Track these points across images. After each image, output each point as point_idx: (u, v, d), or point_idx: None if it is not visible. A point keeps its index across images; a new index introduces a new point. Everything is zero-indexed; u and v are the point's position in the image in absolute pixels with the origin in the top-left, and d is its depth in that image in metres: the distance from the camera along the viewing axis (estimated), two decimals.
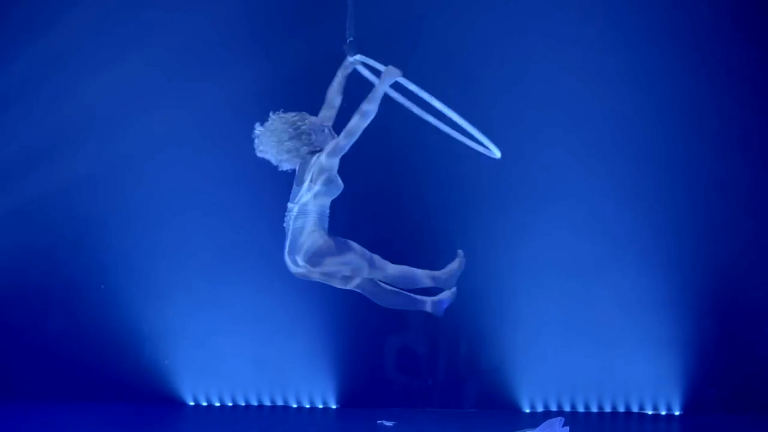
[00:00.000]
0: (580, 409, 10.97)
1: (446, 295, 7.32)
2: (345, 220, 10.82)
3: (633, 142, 11.08)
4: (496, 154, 7.61)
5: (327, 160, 6.72)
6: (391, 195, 11.39)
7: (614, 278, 11.08)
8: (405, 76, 7.21)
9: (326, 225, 6.82)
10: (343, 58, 7.25)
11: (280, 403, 11.16)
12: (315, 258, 6.70)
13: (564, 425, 8.32)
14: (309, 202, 6.77)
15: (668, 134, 11.06)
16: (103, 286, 11.21)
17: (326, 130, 6.97)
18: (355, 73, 7.31)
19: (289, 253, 6.76)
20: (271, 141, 6.87)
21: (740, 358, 10.98)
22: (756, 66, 11.10)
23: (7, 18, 11.16)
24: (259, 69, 11.12)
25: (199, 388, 11.14)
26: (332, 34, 7.49)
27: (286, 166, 6.98)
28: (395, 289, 7.10)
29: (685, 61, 11.11)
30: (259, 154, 6.99)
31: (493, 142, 11.07)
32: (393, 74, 6.92)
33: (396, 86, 7.22)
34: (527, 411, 10.99)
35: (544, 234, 11.10)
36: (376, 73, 7.16)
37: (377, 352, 11.33)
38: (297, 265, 6.76)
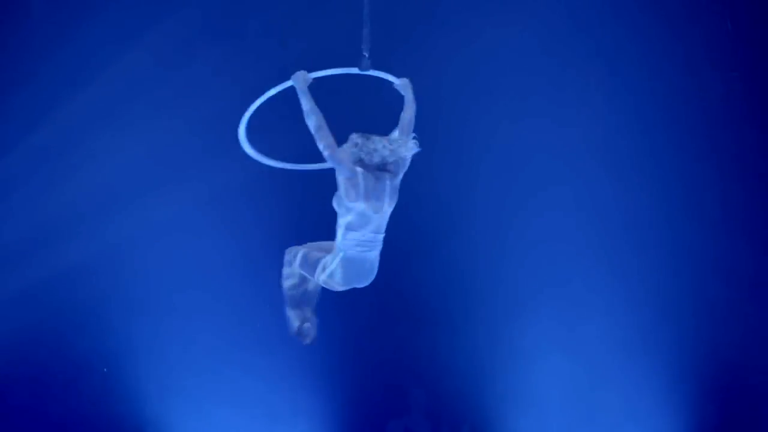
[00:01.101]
0: None
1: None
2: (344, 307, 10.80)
3: (637, 226, 11.09)
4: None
5: None
6: (390, 277, 11.13)
7: (616, 362, 11.00)
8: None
9: None
10: None
11: None
12: None
13: None
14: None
15: (673, 219, 11.07)
16: (105, 370, 11.10)
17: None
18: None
19: (361, 280, 6.94)
20: None
21: None
22: (759, 152, 11.15)
23: (8, 101, 11.13)
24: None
25: None
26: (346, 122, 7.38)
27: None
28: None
29: (692, 145, 11.12)
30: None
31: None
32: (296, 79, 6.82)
33: None
34: None
35: (546, 317, 11.06)
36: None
37: None
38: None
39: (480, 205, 11.16)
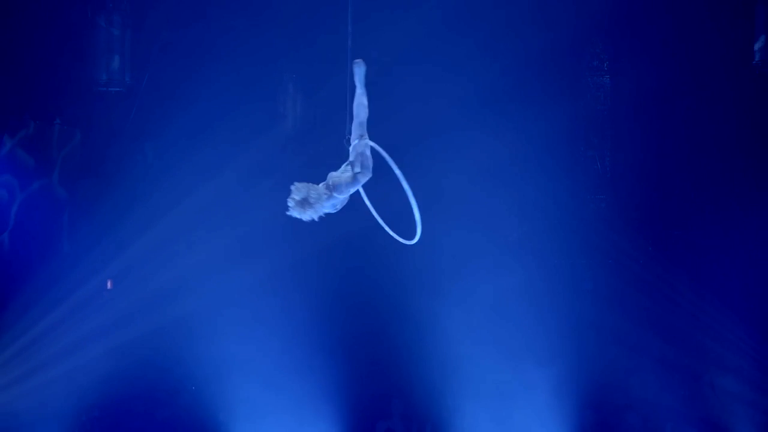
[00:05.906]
0: None
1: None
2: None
3: (545, 311, 13.04)
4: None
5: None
6: (378, 325, 13.24)
7: (519, 368, 12.88)
8: None
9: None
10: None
11: None
12: None
13: None
14: None
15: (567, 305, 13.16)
16: (194, 388, 13.07)
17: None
18: None
19: None
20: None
21: None
22: (623, 252, 13.09)
23: (129, 216, 12.93)
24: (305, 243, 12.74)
25: None
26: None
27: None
28: None
29: (575, 246, 13.06)
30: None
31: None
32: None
33: None
34: None
35: (478, 359, 12.97)
36: None
37: None
38: None
39: (437, 277, 13.00)
